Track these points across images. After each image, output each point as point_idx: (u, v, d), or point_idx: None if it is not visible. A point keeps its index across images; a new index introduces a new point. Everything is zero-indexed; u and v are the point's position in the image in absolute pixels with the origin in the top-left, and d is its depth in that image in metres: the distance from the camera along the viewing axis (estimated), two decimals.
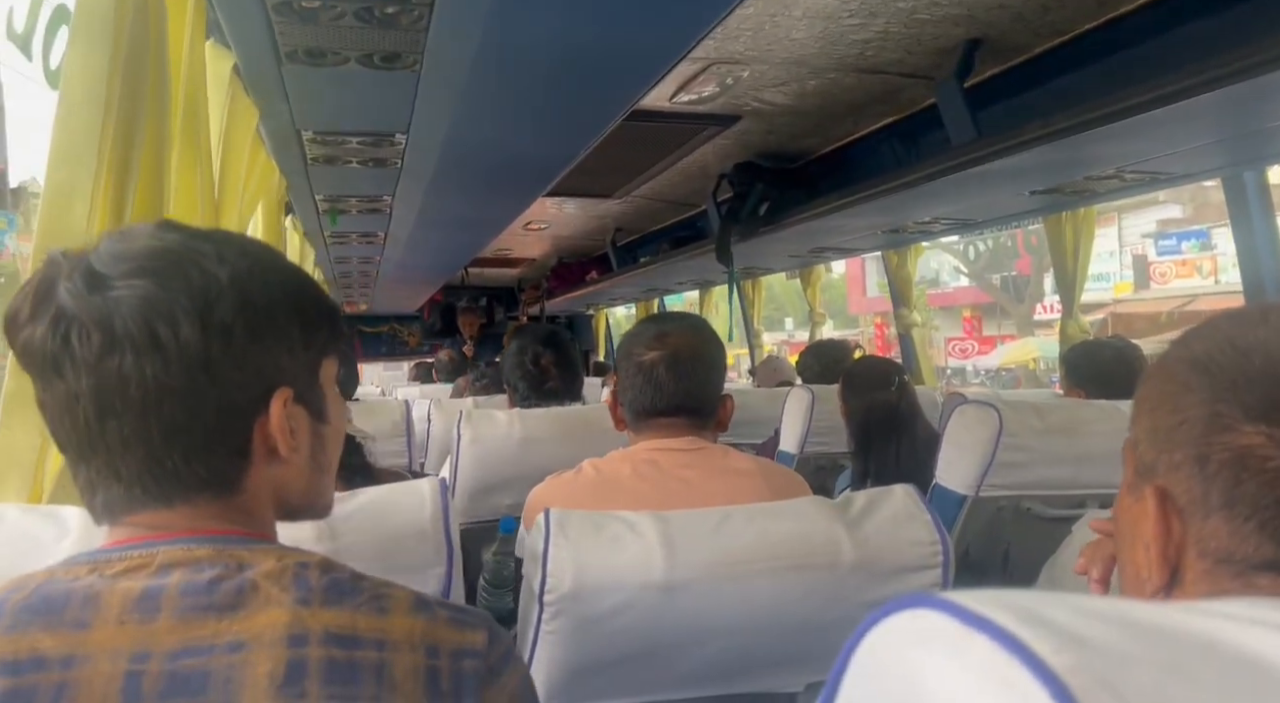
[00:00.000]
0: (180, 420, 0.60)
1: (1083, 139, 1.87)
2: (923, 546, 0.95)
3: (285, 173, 2.16)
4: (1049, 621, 0.30)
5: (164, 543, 0.60)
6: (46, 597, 0.56)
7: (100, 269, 0.59)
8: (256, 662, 0.56)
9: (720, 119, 2.69)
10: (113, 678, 0.54)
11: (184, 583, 0.58)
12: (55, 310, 0.58)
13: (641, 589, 0.90)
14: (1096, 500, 1.78)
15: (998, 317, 20.48)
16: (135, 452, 0.60)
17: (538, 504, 1.37)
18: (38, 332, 0.59)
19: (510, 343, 2.17)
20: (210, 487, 0.62)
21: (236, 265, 0.62)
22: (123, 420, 0.59)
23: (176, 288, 0.59)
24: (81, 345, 0.58)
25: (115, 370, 0.58)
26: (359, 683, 0.57)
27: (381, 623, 0.59)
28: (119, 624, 0.55)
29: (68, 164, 0.88)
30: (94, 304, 0.58)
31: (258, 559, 0.60)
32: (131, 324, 0.58)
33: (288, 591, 0.58)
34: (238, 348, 0.61)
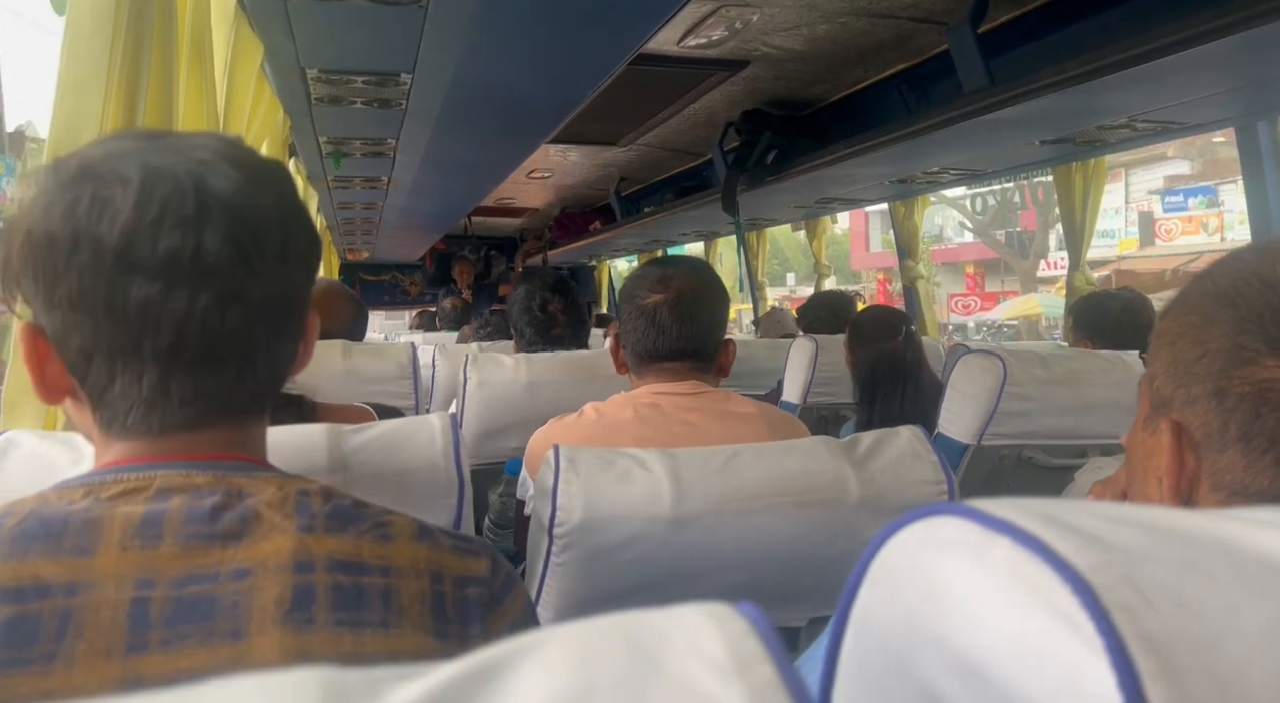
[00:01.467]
0: (288, 332, 0.64)
1: (1096, 86, 1.85)
2: (928, 484, 0.96)
3: (289, 113, 2.13)
4: (1070, 523, 0.30)
5: (161, 466, 0.59)
6: (43, 521, 0.55)
7: (238, 179, 0.60)
8: (263, 587, 0.55)
9: (728, 64, 2.65)
10: (119, 605, 0.53)
11: (186, 509, 0.57)
12: (220, 216, 0.58)
13: (649, 522, 0.92)
14: (1098, 450, 1.79)
15: (1001, 273, 20.41)
16: (231, 365, 0.60)
17: (540, 446, 1.38)
18: (207, 236, 0.57)
19: (518, 288, 2.17)
20: (247, 410, 0.63)
21: (285, 190, 0.64)
22: (262, 328, 0.61)
23: (272, 202, 0.62)
24: (257, 253, 0.59)
25: (282, 279, 0.61)
26: (366, 608, 0.57)
27: (386, 550, 0.59)
28: (121, 551, 0.55)
29: (75, 93, 0.87)
30: (249, 213, 0.59)
31: (257, 487, 0.60)
32: (286, 237, 0.61)
33: (291, 518, 0.58)
34: (311, 266, 0.66)
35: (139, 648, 0.53)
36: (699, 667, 0.24)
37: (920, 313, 3.68)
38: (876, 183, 3.21)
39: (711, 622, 0.26)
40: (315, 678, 0.23)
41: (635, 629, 0.26)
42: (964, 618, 0.31)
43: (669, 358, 1.34)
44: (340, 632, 0.55)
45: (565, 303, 2.09)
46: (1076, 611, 0.27)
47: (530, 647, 0.26)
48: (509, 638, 0.63)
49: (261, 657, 0.54)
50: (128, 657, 0.52)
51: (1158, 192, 17.16)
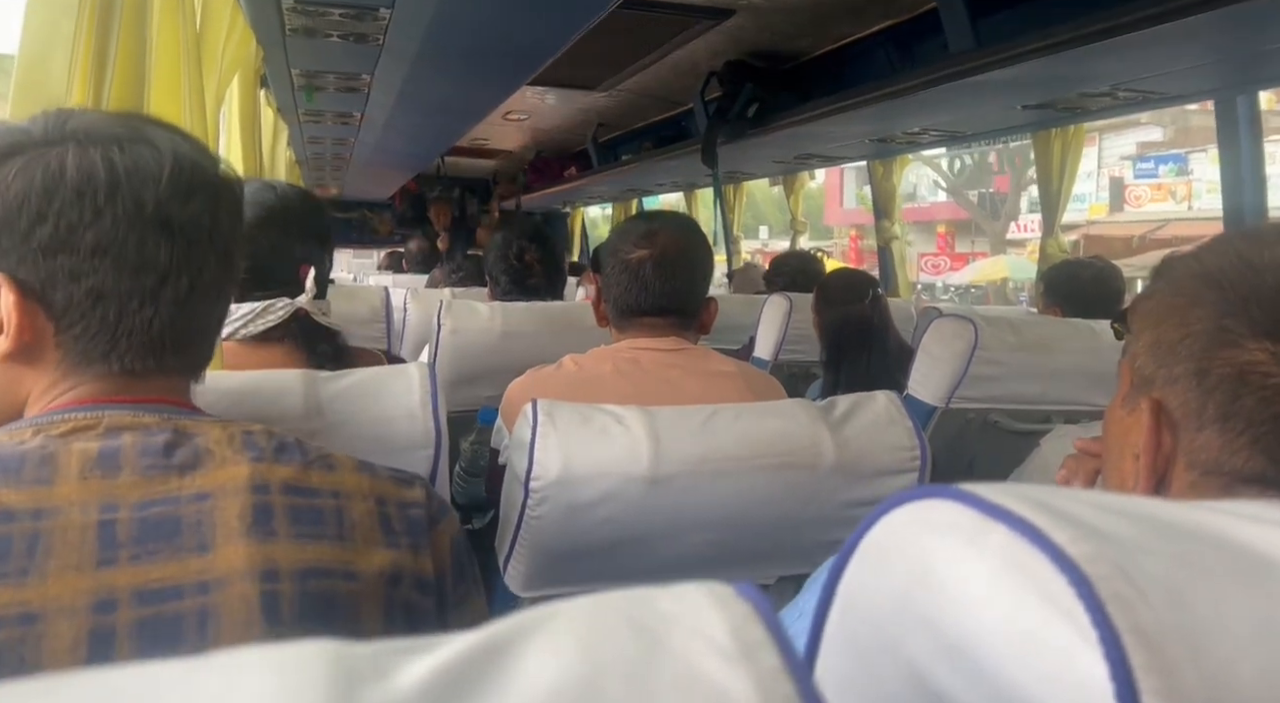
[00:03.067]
0: None
1: (1082, 53, 1.84)
2: (902, 450, 0.97)
3: (262, 43, 2.06)
4: (1065, 512, 0.31)
5: (110, 407, 0.61)
6: None
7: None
8: (225, 507, 0.59)
9: (714, 12, 2.60)
10: (86, 527, 0.55)
11: (139, 444, 0.59)
12: (208, 187, 0.66)
13: (626, 481, 0.92)
14: (1062, 416, 1.83)
15: (971, 233, 20.53)
16: (165, 312, 0.63)
17: (517, 397, 1.37)
18: (193, 203, 0.65)
19: (495, 235, 2.14)
20: (197, 367, 0.68)
21: None
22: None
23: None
24: (216, 216, 0.67)
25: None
26: (322, 524, 0.61)
27: (332, 478, 0.64)
28: (81, 479, 0.57)
29: (46, 18, 0.83)
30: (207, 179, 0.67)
31: (203, 428, 0.63)
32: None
33: (240, 452, 0.62)
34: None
35: (109, 562, 0.55)
36: (704, 651, 0.25)
37: (894, 273, 3.70)
38: (857, 141, 3.20)
39: (714, 603, 0.27)
40: (324, 652, 0.23)
41: (638, 609, 0.27)
42: (956, 602, 0.31)
43: (651, 314, 1.34)
44: (302, 542, 0.60)
45: (543, 253, 2.07)
46: (1072, 601, 0.27)
47: (534, 624, 0.26)
48: (450, 554, 0.67)
49: (229, 565, 0.57)
50: (99, 570, 0.55)
51: (1130, 157, 17.27)
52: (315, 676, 0.22)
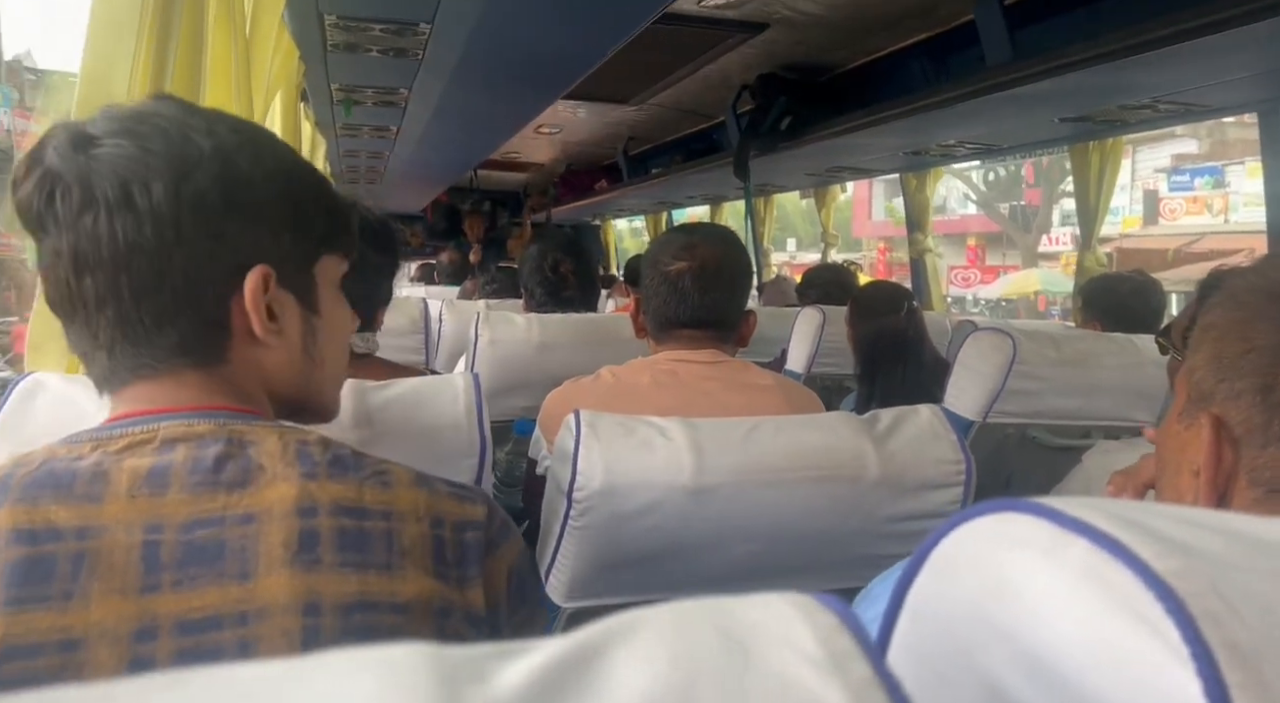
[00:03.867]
0: (148, 281, 0.60)
1: (1122, 65, 1.83)
2: (946, 464, 0.97)
3: (304, 58, 2.10)
4: (1147, 527, 0.30)
5: (165, 418, 0.61)
6: (53, 473, 0.57)
7: (90, 131, 0.60)
8: (269, 531, 0.57)
9: (747, 26, 2.61)
10: (131, 547, 0.55)
11: (190, 460, 0.59)
12: (42, 170, 0.60)
13: (669, 491, 0.92)
14: (1102, 432, 1.81)
15: (1002, 246, 20.35)
16: (107, 312, 0.60)
17: (556, 407, 1.38)
18: (27, 190, 0.60)
19: (530, 248, 2.15)
20: (187, 354, 0.63)
21: (225, 139, 0.63)
22: (96, 278, 0.60)
23: (156, 150, 0.60)
24: (62, 203, 0.59)
25: (90, 227, 0.59)
26: (370, 550, 0.59)
27: (386, 496, 0.61)
28: (130, 498, 0.56)
29: (108, 33, 0.85)
30: (77, 162, 0.59)
31: (258, 435, 0.61)
32: (107, 182, 0.59)
33: (293, 466, 0.60)
34: (211, 216, 0.61)
35: (152, 588, 0.54)
36: (794, 661, 0.25)
37: (927, 286, 3.68)
38: (890, 153, 3.19)
39: (800, 614, 0.27)
40: (424, 655, 0.24)
41: (724, 618, 0.27)
42: (1035, 614, 0.31)
43: (690, 326, 1.34)
44: (345, 573, 0.57)
45: (577, 264, 2.08)
46: (1160, 617, 0.27)
47: (623, 631, 0.26)
48: (506, 584, 0.63)
49: (271, 596, 0.56)
50: (142, 596, 0.54)
51: (1164, 170, 17.06)
52: (419, 677, 0.23)
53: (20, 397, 0.79)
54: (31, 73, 15.10)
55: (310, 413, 0.72)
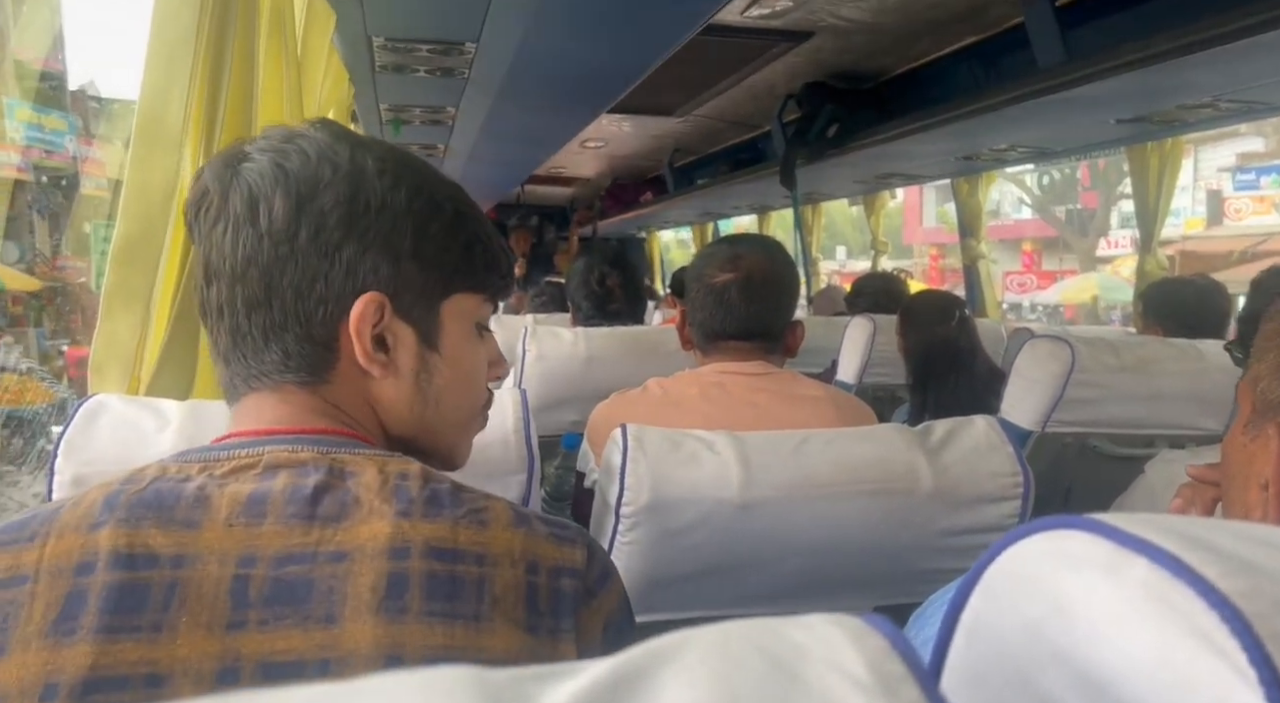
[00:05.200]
0: (259, 294, 0.62)
1: (1181, 64, 1.78)
2: (1003, 477, 0.95)
3: (354, 81, 2.15)
4: (1211, 545, 0.29)
5: (271, 441, 0.61)
6: (159, 493, 0.57)
7: (246, 148, 0.64)
8: (359, 572, 0.56)
9: (792, 35, 2.60)
10: (221, 581, 0.55)
11: (289, 489, 0.58)
12: (200, 183, 0.65)
13: (717, 506, 0.92)
14: (1166, 441, 1.75)
15: (1058, 250, 19.94)
16: (224, 322, 0.64)
17: (603, 421, 1.38)
18: (187, 202, 0.65)
19: (576, 262, 2.17)
20: (291, 371, 0.63)
21: (362, 164, 0.64)
22: (218, 288, 0.63)
23: (290, 169, 0.63)
24: (204, 215, 0.64)
25: (219, 239, 0.63)
26: (460, 599, 0.57)
27: (481, 536, 0.59)
28: (227, 527, 0.57)
29: (164, 63, 0.88)
30: (223, 177, 0.63)
31: (360, 466, 0.60)
32: (239, 196, 0.62)
33: (389, 502, 0.59)
34: (329, 237, 0.62)
35: (238, 625, 0.54)
36: (842, 685, 0.24)
37: (980, 293, 3.62)
38: (941, 159, 3.15)
39: (848, 637, 0.26)
40: (469, 677, 0.24)
41: (770, 640, 0.26)
42: (1095, 636, 0.30)
43: (736, 337, 1.34)
44: (432, 623, 0.56)
45: (623, 278, 2.09)
46: (1225, 638, 0.26)
47: (667, 653, 0.26)
48: (601, 635, 0.61)
49: (354, 644, 0.54)
50: (228, 633, 0.54)
51: (1229, 169, 16.58)
52: (464, 698, 0.23)
53: (84, 418, 0.82)
54: (95, 101, 15.64)
55: (429, 456, 0.69)
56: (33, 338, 12.31)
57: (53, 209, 14.14)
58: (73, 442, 0.80)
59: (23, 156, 13.20)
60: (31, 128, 13.48)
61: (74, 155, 14.31)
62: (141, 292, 0.87)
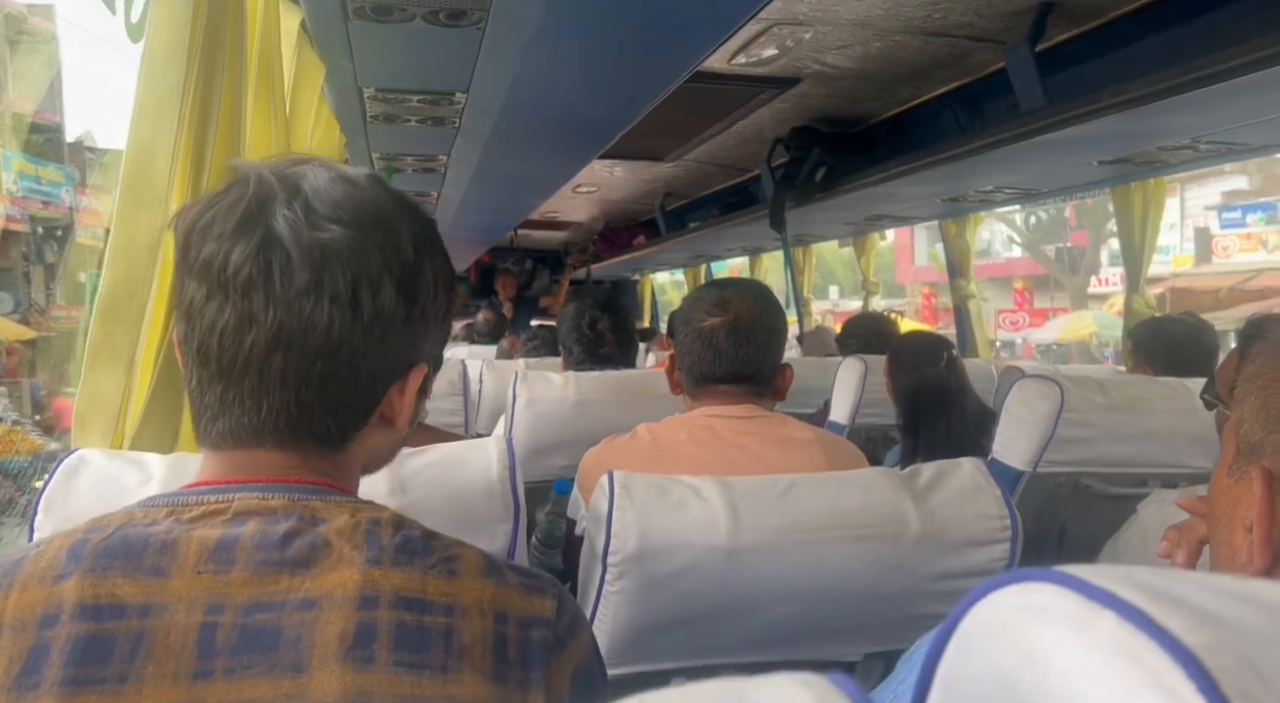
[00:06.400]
0: (342, 374, 0.61)
1: (1159, 107, 1.81)
2: (990, 520, 0.94)
3: (345, 131, 2.17)
4: (1179, 598, 0.29)
5: (240, 489, 0.60)
6: (125, 540, 0.57)
7: (317, 207, 0.60)
8: (327, 621, 0.56)
9: (779, 82, 2.65)
10: (189, 630, 0.54)
11: (258, 535, 0.58)
12: (265, 234, 0.59)
13: (705, 553, 0.91)
14: (1159, 479, 1.75)
15: (1050, 289, 20.07)
16: (287, 391, 0.60)
17: (593, 467, 1.38)
18: (237, 249, 0.58)
19: (567, 306, 2.18)
20: (326, 442, 0.63)
21: (424, 242, 0.64)
22: (288, 357, 0.59)
23: (381, 246, 0.61)
24: (281, 278, 0.58)
25: (308, 311, 0.59)
26: (427, 650, 0.56)
27: (451, 587, 0.59)
28: (195, 574, 0.56)
29: (150, 119, 0.89)
30: (305, 241, 0.59)
31: (331, 513, 0.60)
32: (340, 274, 0.59)
33: (359, 549, 0.58)
34: (414, 319, 0.63)
35: (205, 674, 0.54)
36: None
37: (971, 333, 3.63)
38: (927, 201, 3.18)
39: (813, 696, 0.26)
40: None
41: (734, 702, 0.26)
42: (1065, 690, 0.30)
43: (725, 381, 1.34)
44: (400, 673, 0.55)
45: (614, 321, 2.09)
46: (1191, 695, 0.26)
47: None
48: (569, 686, 0.61)
49: (321, 693, 0.54)
50: (194, 683, 0.54)
51: (1214, 207, 16.77)
52: None
53: (64, 475, 0.81)
54: (92, 151, 15.78)
55: (376, 469, 0.72)
56: (26, 388, 12.28)
57: (48, 260, 14.20)
58: (53, 498, 0.80)
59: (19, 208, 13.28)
60: (28, 179, 13.58)
61: (70, 206, 14.40)
62: (126, 346, 0.87)
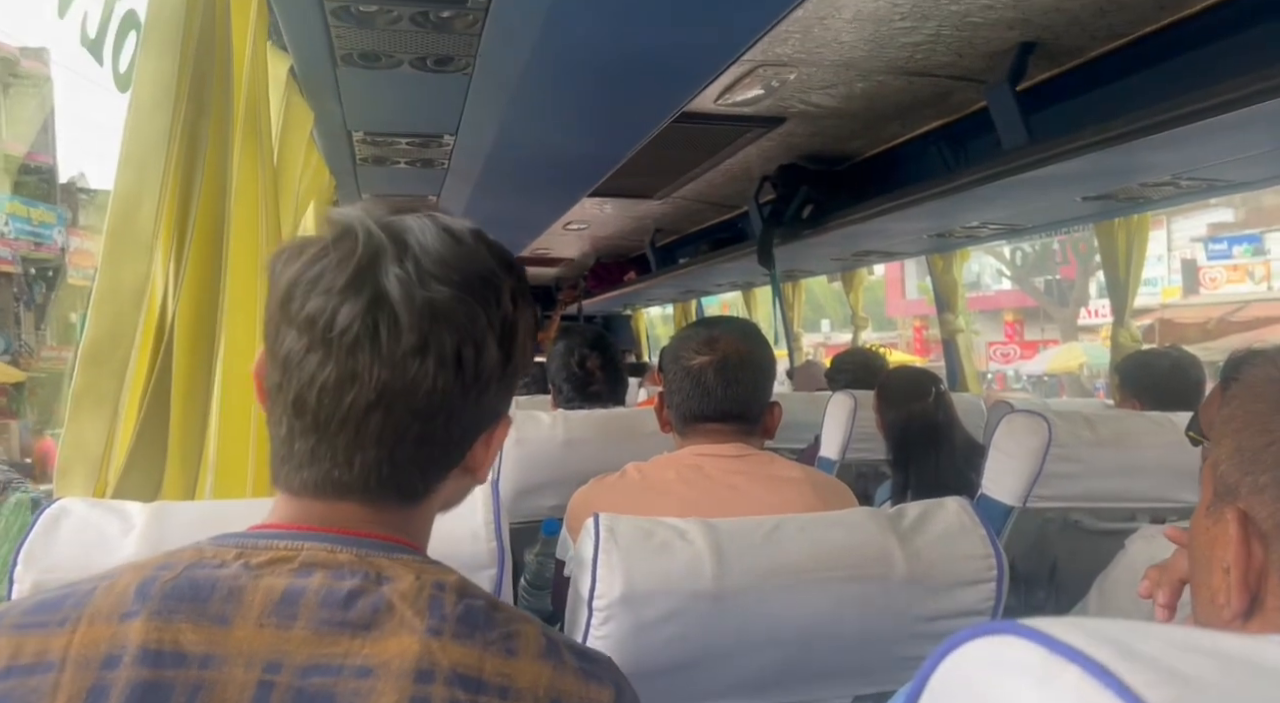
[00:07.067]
0: (439, 433, 0.62)
1: (1139, 145, 1.84)
2: (976, 559, 0.94)
3: (335, 173, 2.19)
4: (1141, 653, 0.30)
5: (310, 537, 0.60)
6: (193, 582, 0.57)
7: (426, 265, 0.60)
8: (381, 692, 0.55)
9: (765, 121, 2.68)
10: (245, 687, 0.54)
11: (324, 590, 0.57)
12: (376, 294, 0.58)
13: (691, 597, 0.91)
14: (1148, 514, 1.75)
15: (1040, 321, 20.18)
16: (382, 449, 0.60)
17: (582, 507, 1.38)
18: (345, 307, 0.58)
19: (556, 344, 2.18)
20: (408, 496, 0.64)
21: (518, 293, 0.65)
22: (390, 418, 0.59)
23: (490, 309, 0.61)
24: (389, 337, 0.58)
25: (414, 371, 0.59)
26: None
27: (508, 667, 0.58)
28: (258, 626, 0.56)
29: (136, 167, 0.90)
30: (417, 301, 0.58)
31: (396, 572, 0.59)
32: (447, 335, 0.59)
33: (421, 615, 0.58)
34: (510, 372, 0.64)
35: None
36: None
37: (960, 367, 3.65)
38: (914, 236, 3.21)
39: None
40: None
41: None
42: None
43: (713, 420, 1.34)
44: None
45: (604, 359, 2.10)
46: None
47: None
48: None
49: None
50: None
51: (1200, 239, 16.95)
52: None
53: (45, 525, 0.81)
54: (85, 193, 15.84)
55: None
56: (15, 430, 12.20)
57: (38, 300, 14.19)
58: (33, 549, 0.79)
59: (10, 249, 13.29)
60: (19, 220, 13.61)
61: (62, 247, 14.42)
62: (110, 393, 0.87)
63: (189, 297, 0.97)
